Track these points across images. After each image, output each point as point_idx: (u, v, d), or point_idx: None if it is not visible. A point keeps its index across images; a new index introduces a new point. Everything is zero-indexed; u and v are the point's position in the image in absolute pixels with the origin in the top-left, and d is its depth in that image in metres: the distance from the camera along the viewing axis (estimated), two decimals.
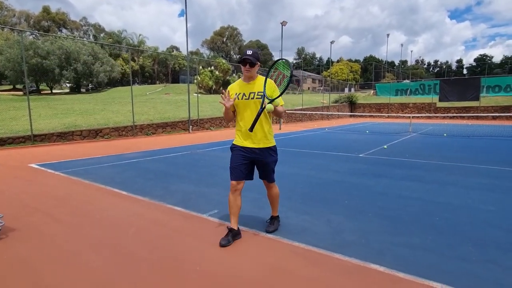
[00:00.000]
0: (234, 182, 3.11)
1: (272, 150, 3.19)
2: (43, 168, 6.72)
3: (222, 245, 2.97)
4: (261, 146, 3.12)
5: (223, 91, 3.09)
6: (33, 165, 7.05)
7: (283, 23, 21.63)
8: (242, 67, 3.03)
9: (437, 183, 5.46)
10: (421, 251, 2.90)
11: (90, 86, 43.66)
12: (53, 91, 39.64)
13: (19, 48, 32.19)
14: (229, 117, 3.18)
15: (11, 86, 42.06)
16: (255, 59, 2.99)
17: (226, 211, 3.93)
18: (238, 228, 3.21)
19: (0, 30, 42.61)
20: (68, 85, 42.31)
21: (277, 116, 3.13)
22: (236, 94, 3.10)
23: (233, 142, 3.23)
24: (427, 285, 2.35)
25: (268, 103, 2.94)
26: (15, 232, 3.33)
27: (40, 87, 39.60)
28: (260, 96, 3.03)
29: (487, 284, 2.37)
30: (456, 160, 7.59)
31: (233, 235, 3.10)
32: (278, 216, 3.50)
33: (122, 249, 2.96)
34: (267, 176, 3.25)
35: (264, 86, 3.01)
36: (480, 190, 4.99)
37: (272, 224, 3.40)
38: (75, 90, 40.67)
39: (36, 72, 33.53)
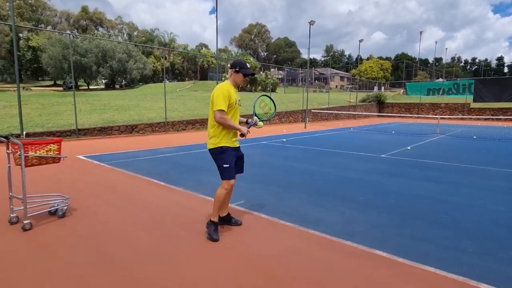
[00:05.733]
0: (233, 181, 3.36)
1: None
2: (89, 160, 7.57)
3: (214, 240, 3.24)
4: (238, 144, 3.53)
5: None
6: (81, 157, 7.93)
7: (311, 23, 21.79)
8: (241, 77, 3.35)
9: (452, 184, 5.69)
10: (421, 242, 3.28)
11: (123, 83, 45.82)
12: (90, 87, 42.09)
13: (60, 46, 34.54)
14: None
15: (52, 82, 45.06)
16: None
17: (251, 201, 4.48)
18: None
19: (44, 30, 45.52)
20: (103, 81, 44.71)
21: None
22: (235, 99, 3.38)
23: (223, 145, 3.30)
24: (422, 268, 2.74)
25: (260, 121, 3.61)
26: (77, 212, 4.04)
27: (78, 83, 42.16)
28: (239, 104, 3.49)
29: (475, 269, 2.73)
30: (478, 163, 7.68)
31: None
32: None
33: (165, 229, 3.56)
34: (242, 167, 3.63)
35: (254, 105, 3.65)
36: (495, 192, 5.19)
37: (234, 218, 3.70)
38: (110, 86, 42.93)
39: (75, 69, 35.76)
